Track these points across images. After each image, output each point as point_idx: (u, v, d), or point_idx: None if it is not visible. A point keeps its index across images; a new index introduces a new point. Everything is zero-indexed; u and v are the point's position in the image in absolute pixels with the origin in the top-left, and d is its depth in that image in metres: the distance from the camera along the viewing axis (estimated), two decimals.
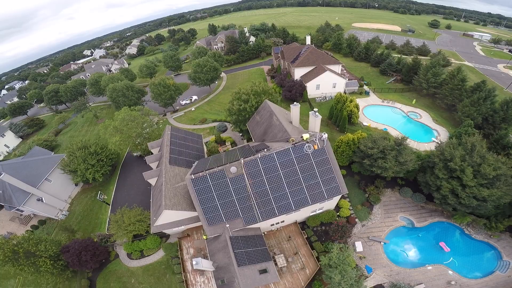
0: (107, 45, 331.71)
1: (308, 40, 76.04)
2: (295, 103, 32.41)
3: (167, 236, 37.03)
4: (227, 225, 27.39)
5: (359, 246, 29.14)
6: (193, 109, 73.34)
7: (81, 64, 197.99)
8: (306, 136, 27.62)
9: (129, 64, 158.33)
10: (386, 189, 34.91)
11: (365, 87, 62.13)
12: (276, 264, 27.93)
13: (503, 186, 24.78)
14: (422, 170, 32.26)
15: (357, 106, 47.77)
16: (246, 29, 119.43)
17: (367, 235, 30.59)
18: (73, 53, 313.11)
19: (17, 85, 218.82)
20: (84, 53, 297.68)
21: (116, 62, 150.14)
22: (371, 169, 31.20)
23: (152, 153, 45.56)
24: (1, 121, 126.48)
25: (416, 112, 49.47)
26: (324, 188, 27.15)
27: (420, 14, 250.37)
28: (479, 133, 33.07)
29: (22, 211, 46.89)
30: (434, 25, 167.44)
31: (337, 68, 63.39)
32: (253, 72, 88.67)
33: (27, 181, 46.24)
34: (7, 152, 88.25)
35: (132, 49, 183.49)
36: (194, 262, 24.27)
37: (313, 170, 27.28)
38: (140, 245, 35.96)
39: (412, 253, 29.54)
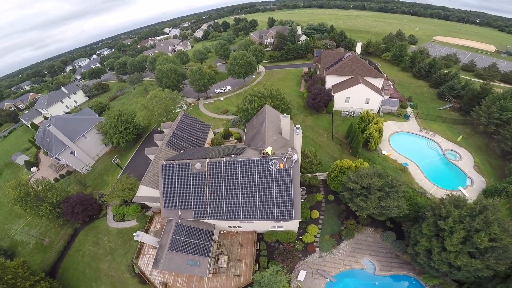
0: (185, 25, 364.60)
1: (358, 47, 68.88)
2: (284, 114, 30.04)
3: (148, 208, 40.00)
4: (180, 213, 28.66)
5: (302, 275, 26.88)
6: (222, 98, 75.73)
7: (157, 41, 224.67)
8: (269, 150, 25.57)
9: (192, 46, 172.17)
10: (369, 227, 30.19)
11: (408, 110, 52.68)
12: (217, 262, 28.44)
13: (491, 259, 18.38)
14: (412, 219, 26.36)
15: (379, 131, 41.21)
16: (299, 27, 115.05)
17: (318, 267, 27.72)
18: (156, 29, 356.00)
19: (106, 52, 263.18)
20: (164, 30, 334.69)
21: (181, 43, 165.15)
22: (348, 204, 26.84)
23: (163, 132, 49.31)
24: (83, 81, 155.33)
25: (456, 152, 39.53)
26: (276, 209, 25.15)
27: None
28: None
29: (59, 160, 57.14)
30: None
31: (378, 82, 55.59)
32: (292, 72, 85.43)
33: (68, 135, 56.00)
34: (74, 106, 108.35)
35: (199, 33, 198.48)
36: (134, 234, 26.02)
37: (271, 189, 25.43)
38: (124, 210, 40.11)
39: None
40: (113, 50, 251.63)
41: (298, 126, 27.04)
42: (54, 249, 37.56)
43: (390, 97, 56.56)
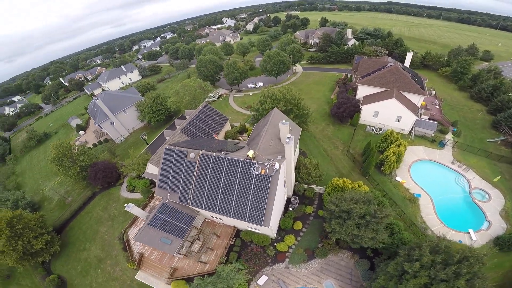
0: (241, 16, 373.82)
1: (408, 57, 61.40)
2: (283, 121, 29.49)
3: (155, 185, 44.05)
4: (169, 194, 31.39)
5: (262, 280, 26.86)
6: (251, 94, 77.01)
7: (212, 30, 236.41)
8: (250, 153, 25.78)
9: (241, 38, 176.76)
10: (347, 251, 28.15)
11: (447, 136, 45.63)
12: (190, 246, 30.42)
13: None
14: (392, 253, 23.74)
15: (398, 155, 37.03)
16: (349, 31, 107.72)
17: (281, 276, 27.29)
18: (215, 18, 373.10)
19: (168, 35, 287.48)
20: (223, 19, 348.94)
21: (231, 35, 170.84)
22: (323, 224, 25.37)
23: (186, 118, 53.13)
24: (143, 61, 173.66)
25: (487, 192, 33.15)
26: (249, 212, 25.58)
27: None
28: None
29: (101, 128, 66.19)
30: None
31: (417, 99, 49.26)
32: (329, 76, 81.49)
33: (111, 108, 64.49)
34: (128, 83, 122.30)
35: (250, 26, 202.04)
36: (125, 205, 29.47)
37: (249, 191, 25.84)
38: (136, 182, 44.94)
39: None
40: (175, 35, 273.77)
41: (289, 135, 26.35)
42: (70, 208, 44.42)
43: (429, 118, 49.78)
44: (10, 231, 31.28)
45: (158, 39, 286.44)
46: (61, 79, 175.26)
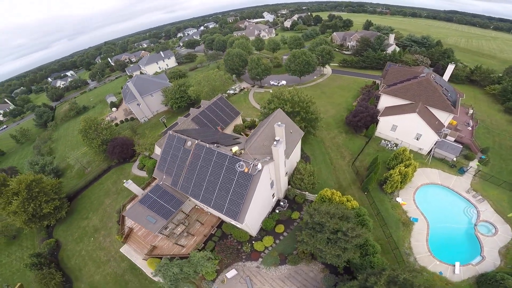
0: (282, 12, 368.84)
1: (448, 70, 55.16)
2: (279, 122, 29.22)
3: None
4: (164, 176, 33.53)
5: (231, 273, 27.62)
6: (271, 91, 76.49)
7: (251, 23, 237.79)
8: (234, 149, 26.29)
9: (276, 34, 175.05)
10: (320, 263, 27.43)
11: (472, 163, 40.65)
12: (175, 228, 32.30)
13: None
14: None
15: (404, 175, 34.22)
16: (392, 36, 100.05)
17: (250, 274, 27.74)
18: (257, 11, 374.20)
19: (211, 25, 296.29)
20: (263, 14, 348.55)
21: (267, 30, 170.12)
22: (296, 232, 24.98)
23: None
24: (183, 48, 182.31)
25: (494, 226, 29.21)
26: (227, 205, 26.43)
27: None
28: None
29: (129, 107, 71.99)
30: None
31: (445, 117, 44.46)
32: (358, 82, 77.25)
33: (140, 91, 69.78)
34: (164, 69, 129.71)
35: (288, 22, 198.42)
36: (124, 181, 32.33)
37: (230, 186, 26.52)
38: (146, 161, 48.58)
39: None
40: (216, 25, 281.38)
41: (278, 138, 26.22)
42: (86, 179, 49.60)
43: (455, 140, 44.75)
44: (27, 193, 35.60)
45: (202, 28, 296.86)
46: (109, 59, 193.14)
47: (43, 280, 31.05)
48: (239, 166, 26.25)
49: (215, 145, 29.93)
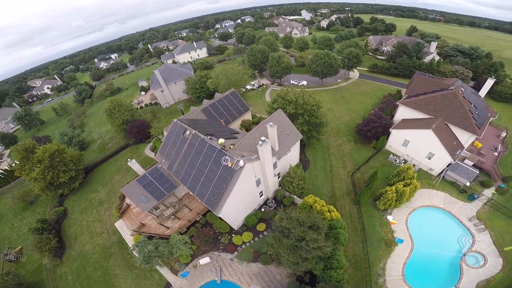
0: (322, 11, 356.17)
1: (487, 85, 48.86)
2: (271, 123, 29.60)
3: None
4: (163, 160, 36.18)
5: (205, 260, 29.26)
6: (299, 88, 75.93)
7: (287, 20, 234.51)
8: (220, 141, 27.68)
9: (309, 33, 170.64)
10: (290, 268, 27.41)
11: (486, 191, 36.50)
12: (165, 210, 34.61)
13: None
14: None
15: (401, 194, 32.23)
16: (433, 44, 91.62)
17: (222, 265, 29.01)
18: (295, 8, 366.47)
19: (247, 19, 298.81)
20: (302, 11, 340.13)
21: (300, 28, 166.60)
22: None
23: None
24: (216, 40, 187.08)
25: (485, 259, 26.56)
26: (208, 195, 28.00)
27: None
28: None
29: (154, 93, 77.10)
30: None
31: (466, 138, 40.34)
32: (384, 89, 72.80)
33: (165, 79, 74.45)
34: (195, 59, 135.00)
35: (324, 22, 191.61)
36: (128, 160, 35.35)
37: (214, 177, 27.96)
38: (157, 144, 52.15)
39: None
40: (252, 19, 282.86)
41: (263, 138, 26.69)
42: (105, 153, 54.66)
43: (473, 164, 40.57)
44: (49, 162, 39.63)
45: (238, 21, 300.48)
46: (149, 45, 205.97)
47: (39, 244, 33.41)
48: (224, 160, 27.41)
49: (209, 137, 31.44)
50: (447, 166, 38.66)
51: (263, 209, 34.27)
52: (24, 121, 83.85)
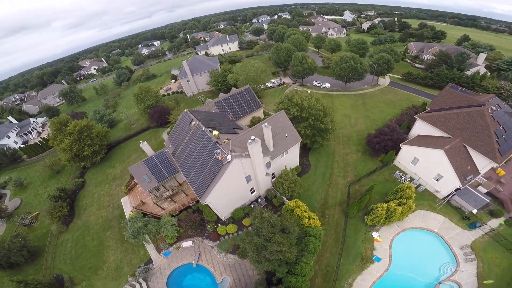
0: (368, 13, 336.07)
1: None
2: (266, 123, 30.72)
3: None
4: (170, 145, 39.58)
5: (187, 244, 31.99)
6: (309, 91, 74.97)
7: (324, 19, 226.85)
8: (214, 133, 29.65)
9: (347, 35, 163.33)
10: None
11: (493, 221, 33.02)
12: (164, 192, 37.80)
13: None
14: None
15: (391, 212, 31.18)
16: (482, 56, 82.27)
17: (202, 250, 31.22)
18: (337, 9, 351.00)
19: (284, 15, 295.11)
20: (345, 12, 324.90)
21: (337, 29, 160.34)
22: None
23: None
24: (250, 35, 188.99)
25: (460, 287, 25.03)
26: (197, 184, 30.34)
27: None
28: None
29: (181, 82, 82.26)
30: None
31: (484, 164, 36.76)
32: (412, 100, 68.00)
33: (192, 70, 79.10)
34: (226, 52, 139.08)
35: (366, 25, 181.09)
36: (140, 142, 39.19)
37: (205, 168, 30.17)
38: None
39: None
40: (289, 16, 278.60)
41: (253, 137, 27.98)
42: (128, 133, 60.37)
43: (487, 192, 37.03)
44: (78, 135, 44.92)
45: (275, 16, 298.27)
46: (188, 35, 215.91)
47: (52, 210, 36.79)
48: (215, 153, 29.51)
49: (209, 129, 33.75)
50: (455, 191, 36.07)
51: (252, 205, 35.88)
52: (68, 97, 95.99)
